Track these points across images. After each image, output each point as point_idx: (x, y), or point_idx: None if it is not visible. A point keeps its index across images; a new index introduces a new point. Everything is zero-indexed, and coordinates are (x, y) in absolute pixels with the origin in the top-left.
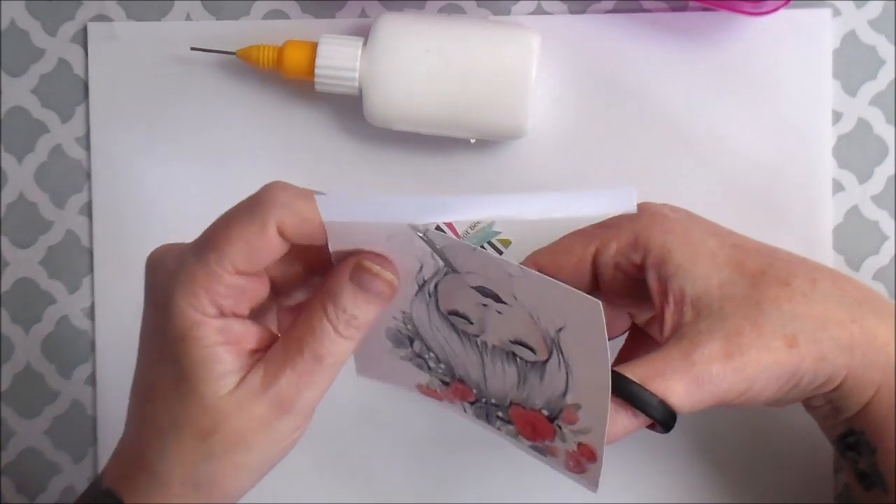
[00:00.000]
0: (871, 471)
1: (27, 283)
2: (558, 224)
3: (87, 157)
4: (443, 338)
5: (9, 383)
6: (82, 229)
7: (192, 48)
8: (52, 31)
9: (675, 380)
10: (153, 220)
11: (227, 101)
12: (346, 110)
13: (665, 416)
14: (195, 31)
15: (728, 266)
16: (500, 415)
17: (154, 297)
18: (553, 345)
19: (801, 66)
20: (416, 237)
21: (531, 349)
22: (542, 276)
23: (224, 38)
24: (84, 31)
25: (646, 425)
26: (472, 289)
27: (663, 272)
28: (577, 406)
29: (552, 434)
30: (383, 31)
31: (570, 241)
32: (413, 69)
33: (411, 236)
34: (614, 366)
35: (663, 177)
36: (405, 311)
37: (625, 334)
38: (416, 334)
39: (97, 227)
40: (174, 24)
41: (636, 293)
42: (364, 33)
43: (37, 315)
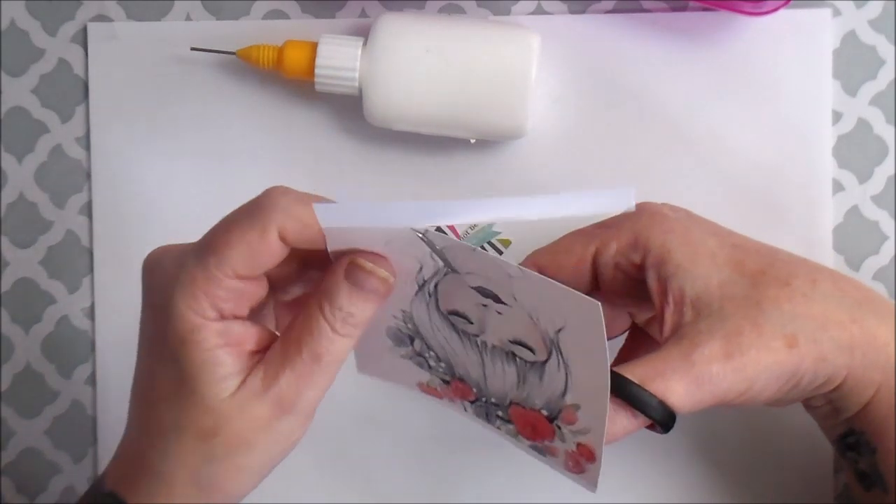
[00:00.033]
0: (871, 471)
1: (27, 283)
2: (558, 224)
3: (87, 157)
4: (443, 337)
5: (9, 383)
6: (82, 229)
7: (192, 48)
8: (52, 31)
9: (674, 380)
10: (153, 220)
11: (227, 101)
12: (346, 110)
13: (664, 417)
14: (195, 31)
15: (728, 266)
16: (500, 414)
17: (153, 300)
18: (552, 345)
19: (801, 66)
20: (416, 238)
21: (531, 349)
22: (542, 277)
23: (224, 38)
24: (84, 31)
25: (645, 426)
26: (472, 289)
27: (663, 272)
28: (577, 406)
29: (551, 434)
30: (383, 31)
31: (570, 241)
32: (413, 69)
33: (411, 237)
34: (614, 366)
35: (663, 177)
36: (405, 311)
37: (624, 334)
38: (417, 333)
39: (97, 227)
40: (174, 24)
41: (636, 293)
42: (364, 33)
43: (37, 315)
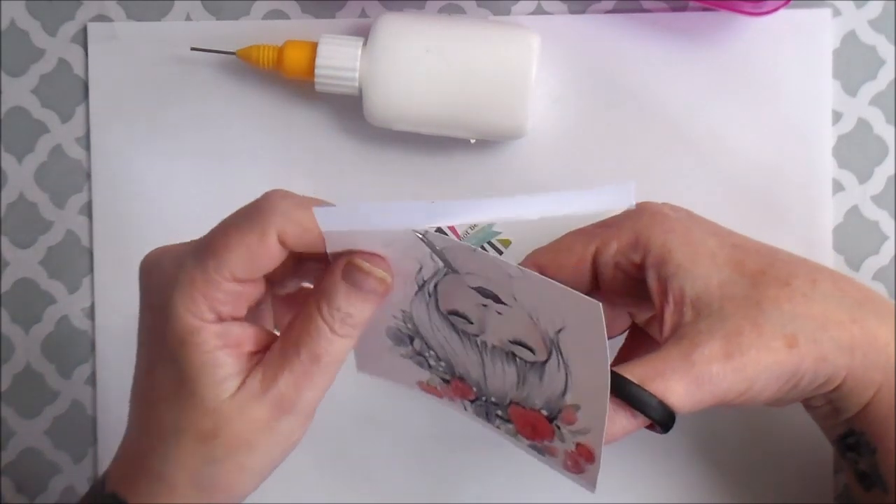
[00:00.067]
0: (871, 471)
1: (27, 283)
2: (558, 224)
3: (87, 157)
4: (443, 337)
5: (9, 383)
6: (82, 229)
7: (192, 48)
8: (52, 31)
9: (674, 380)
10: (153, 220)
11: (227, 101)
12: (346, 110)
13: (664, 417)
14: (195, 31)
15: (728, 266)
16: (500, 414)
17: (151, 302)
18: (552, 345)
19: (801, 66)
20: (416, 239)
21: (530, 349)
22: (542, 277)
23: (224, 38)
24: (84, 31)
25: (644, 426)
26: (472, 289)
27: (663, 272)
28: (576, 406)
29: (551, 434)
30: (383, 31)
31: (571, 241)
32: (413, 69)
33: (411, 238)
34: (613, 365)
35: (663, 177)
36: (405, 311)
37: (624, 334)
38: (417, 333)
39: (97, 227)
40: (174, 24)
41: (636, 293)
42: (364, 33)
43: (37, 315)
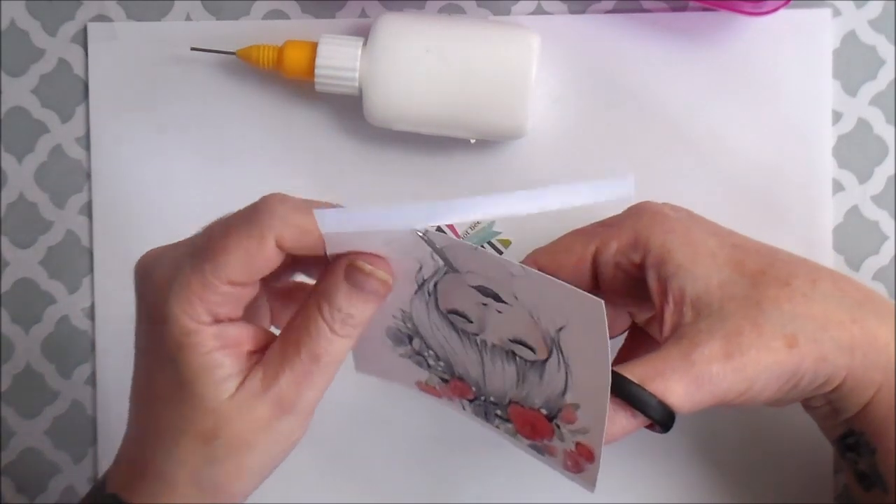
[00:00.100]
0: (871, 471)
1: (27, 283)
2: (559, 223)
3: (87, 157)
4: (442, 336)
5: (9, 383)
6: (82, 229)
7: (192, 48)
8: (52, 31)
9: (674, 380)
10: (153, 220)
11: (227, 101)
12: (346, 110)
13: (664, 417)
14: (195, 31)
15: (728, 266)
16: (499, 413)
17: (147, 305)
18: (553, 344)
19: (801, 66)
20: (417, 238)
21: (531, 348)
22: (544, 275)
23: (224, 38)
24: (84, 31)
25: (644, 425)
26: (472, 288)
27: (663, 271)
28: (576, 406)
29: (551, 433)
30: (383, 31)
31: (571, 240)
32: (413, 69)
33: (411, 238)
34: (613, 365)
35: (663, 177)
36: (404, 310)
37: (624, 334)
38: (416, 332)
39: (97, 227)
40: (174, 24)
41: (636, 292)
42: (364, 33)
43: (37, 315)
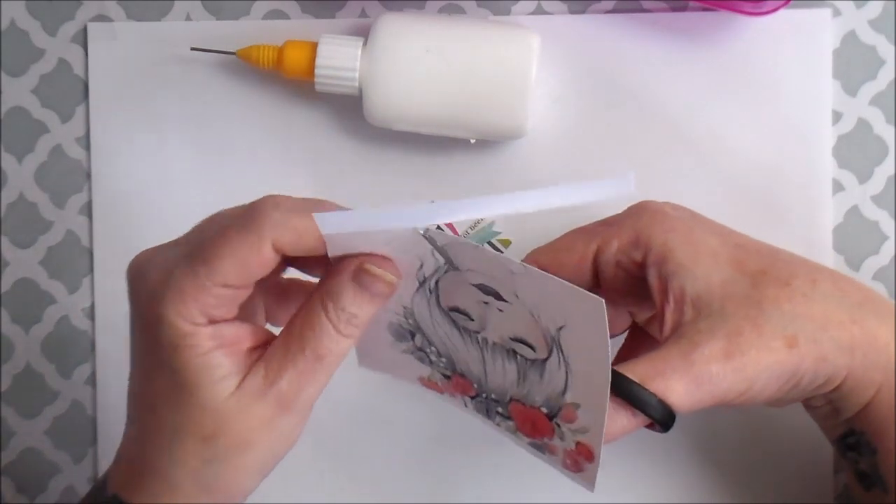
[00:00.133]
0: (872, 471)
1: (27, 283)
2: (559, 223)
3: (87, 157)
4: (444, 333)
5: (9, 383)
6: (82, 229)
7: (192, 48)
8: (52, 31)
9: (674, 379)
10: (153, 219)
11: (227, 101)
12: (346, 110)
13: (664, 416)
14: (195, 31)
15: (729, 265)
16: (500, 410)
17: (141, 307)
18: (553, 343)
19: (801, 66)
20: (418, 237)
21: (531, 347)
22: (546, 273)
23: (224, 38)
24: (84, 31)
25: (644, 425)
26: (473, 286)
27: (664, 270)
28: (577, 405)
29: (551, 432)
30: (383, 31)
31: (572, 239)
32: (413, 69)
33: (413, 236)
34: (613, 365)
35: (663, 177)
36: (406, 307)
37: (624, 333)
38: (418, 329)
39: (97, 227)
40: (174, 24)
41: (637, 291)
42: (364, 33)
43: (37, 315)
